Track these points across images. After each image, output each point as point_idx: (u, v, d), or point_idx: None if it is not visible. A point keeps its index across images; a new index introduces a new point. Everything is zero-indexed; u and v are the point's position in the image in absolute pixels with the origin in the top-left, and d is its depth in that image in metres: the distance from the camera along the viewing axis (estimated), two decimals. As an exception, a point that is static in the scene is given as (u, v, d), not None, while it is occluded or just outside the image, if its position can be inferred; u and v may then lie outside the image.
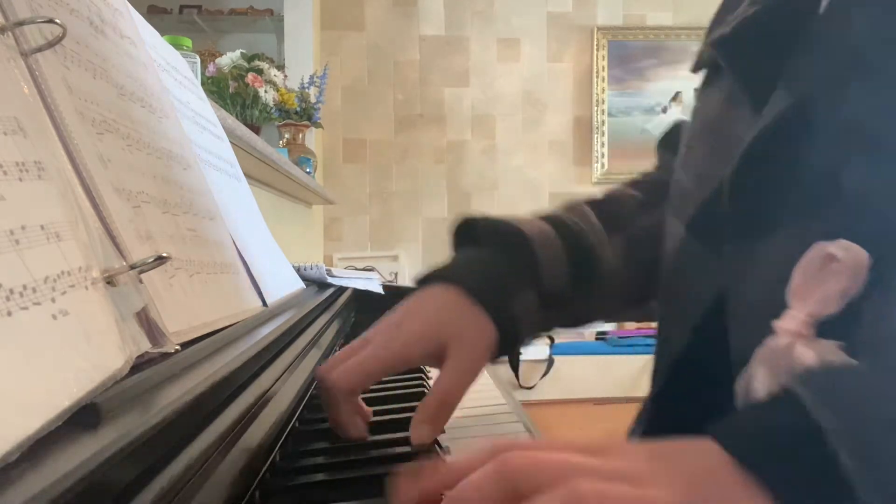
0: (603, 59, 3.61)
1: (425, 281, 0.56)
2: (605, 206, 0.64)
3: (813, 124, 0.41)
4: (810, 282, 0.35)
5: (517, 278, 0.55)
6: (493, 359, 0.53)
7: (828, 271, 0.34)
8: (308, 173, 2.39)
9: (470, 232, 0.61)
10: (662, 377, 0.53)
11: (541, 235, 0.57)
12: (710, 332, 0.46)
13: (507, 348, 0.53)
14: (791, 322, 0.36)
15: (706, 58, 0.55)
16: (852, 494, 0.23)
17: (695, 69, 0.58)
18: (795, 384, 0.27)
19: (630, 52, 3.63)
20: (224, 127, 0.87)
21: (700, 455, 0.27)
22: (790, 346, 0.35)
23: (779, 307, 0.43)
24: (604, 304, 0.63)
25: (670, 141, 0.71)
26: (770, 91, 0.45)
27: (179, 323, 0.39)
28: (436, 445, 0.46)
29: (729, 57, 0.50)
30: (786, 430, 0.26)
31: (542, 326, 0.58)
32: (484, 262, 0.56)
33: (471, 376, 0.50)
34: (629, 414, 0.58)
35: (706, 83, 0.56)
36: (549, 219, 0.60)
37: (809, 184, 0.42)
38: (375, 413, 0.54)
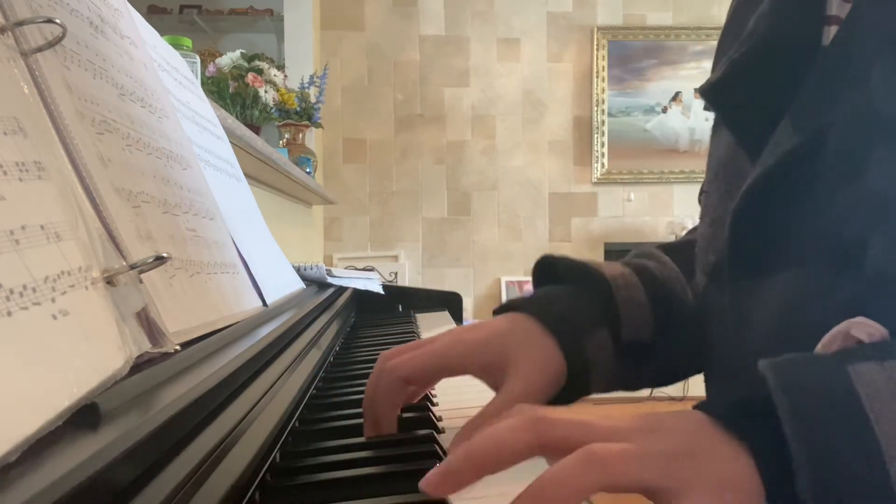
0: (603, 59, 3.61)
1: (501, 311, 0.54)
2: (680, 253, 0.60)
3: (823, 170, 0.41)
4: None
5: (592, 317, 0.52)
6: (564, 397, 0.50)
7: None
8: (308, 173, 2.39)
9: (550, 272, 0.58)
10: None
11: (621, 278, 0.54)
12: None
13: (577, 387, 0.50)
14: None
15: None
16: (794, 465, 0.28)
17: (706, 108, 0.56)
18: (767, 369, 0.31)
19: (630, 52, 3.63)
20: (224, 127, 0.87)
21: (687, 418, 0.32)
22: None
23: (774, 347, 0.43)
24: (688, 353, 0.57)
25: None
26: (764, 138, 0.44)
27: (179, 323, 0.39)
28: (436, 447, 0.46)
29: (720, 106, 0.50)
30: (755, 402, 0.31)
31: (621, 376, 0.54)
32: (560, 297, 0.54)
33: (524, 400, 0.46)
34: (629, 414, 0.58)
35: (716, 123, 0.54)
36: (630, 263, 0.57)
37: (813, 230, 0.41)
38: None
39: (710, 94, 0.49)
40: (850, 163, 0.39)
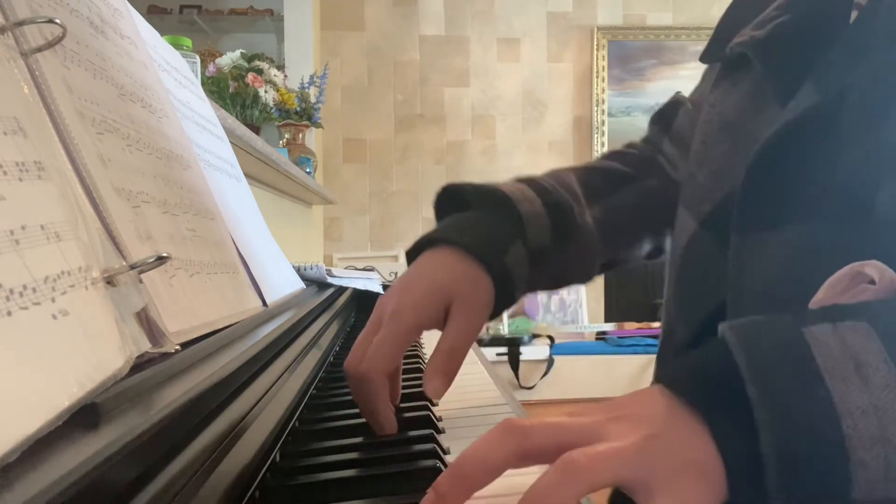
0: (603, 59, 3.61)
1: (418, 248, 0.58)
2: (588, 176, 0.68)
3: (840, 128, 0.42)
4: (837, 297, 0.36)
5: (506, 234, 0.57)
6: (493, 314, 0.55)
7: (859, 290, 0.35)
8: (308, 173, 2.39)
9: (452, 200, 0.63)
10: (665, 369, 0.54)
11: (521, 194, 0.60)
12: (716, 326, 0.47)
13: (504, 301, 0.56)
14: None
15: (728, 54, 0.55)
16: (756, 422, 0.29)
17: (705, 59, 0.58)
18: (726, 330, 0.32)
19: (630, 52, 3.63)
20: (224, 127, 0.87)
21: (652, 399, 0.33)
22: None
23: (779, 301, 0.44)
24: (580, 264, 0.65)
25: (665, 116, 0.73)
26: (798, 89, 0.46)
27: (179, 323, 0.39)
28: (436, 447, 0.46)
29: (764, 57, 0.51)
30: (713, 367, 0.32)
31: (529, 284, 0.60)
32: (473, 222, 0.58)
33: (475, 330, 0.52)
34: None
35: (720, 80, 0.57)
36: (527, 181, 0.63)
37: (827, 185, 0.42)
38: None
39: (758, 49, 0.51)
40: (867, 119, 0.41)
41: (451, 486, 0.31)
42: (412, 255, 0.58)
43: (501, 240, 0.56)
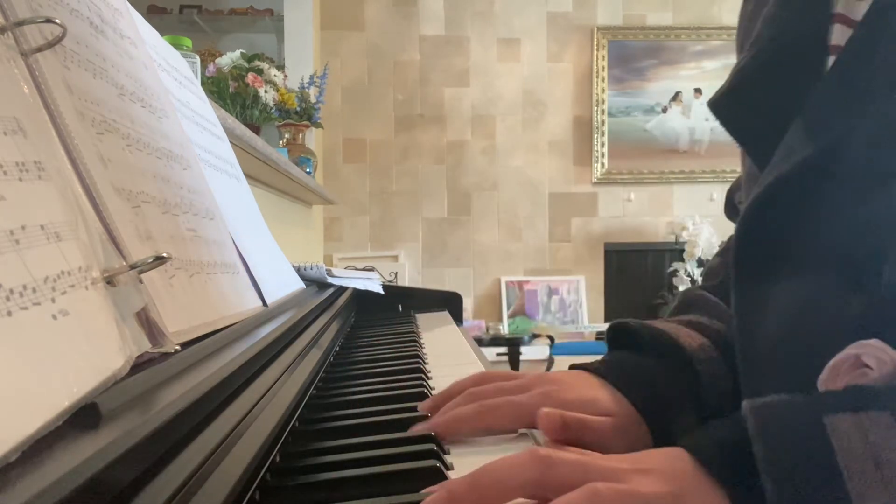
0: (603, 59, 3.61)
1: (585, 369, 0.53)
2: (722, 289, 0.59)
3: (839, 182, 0.40)
4: (840, 378, 0.36)
5: (678, 394, 0.51)
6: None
7: (859, 374, 0.35)
8: (308, 173, 2.39)
9: (624, 336, 0.57)
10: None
11: (701, 352, 0.53)
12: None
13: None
14: None
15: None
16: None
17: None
18: (747, 412, 0.32)
19: (630, 52, 3.63)
20: (224, 127, 0.87)
21: (677, 459, 0.33)
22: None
23: (782, 353, 0.43)
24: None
25: (731, 202, 0.71)
26: (772, 146, 0.44)
27: (179, 323, 0.39)
28: (436, 447, 0.46)
29: (728, 120, 0.49)
30: (739, 448, 0.31)
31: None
32: (644, 369, 0.52)
33: (610, 432, 0.46)
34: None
35: None
36: (700, 326, 0.56)
37: (825, 239, 0.41)
38: (375, 413, 0.54)
39: (718, 107, 0.49)
40: (867, 177, 0.39)
41: (466, 492, 0.31)
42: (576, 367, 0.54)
43: (673, 403, 0.50)
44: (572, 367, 0.55)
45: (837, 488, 0.28)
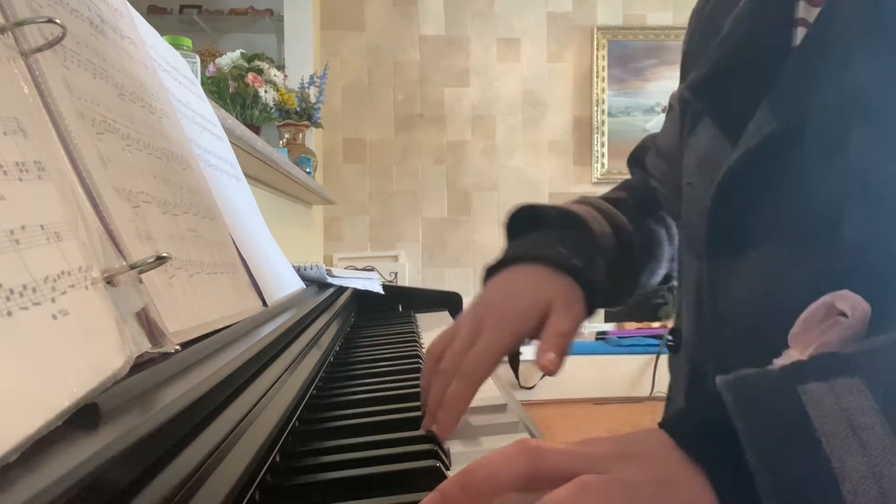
0: (603, 59, 3.61)
1: (500, 265, 0.60)
2: (617, 205, 0.70)
3: (802, 153, 0.43)
4: (812, 330, 0.37)
5: (588, 250, 0.60)
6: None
7: (832, 323, 0.36)
8: (308, 173, 2.39)
9: (521, 221, 0.66)
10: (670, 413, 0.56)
11: (588, 214, 0.64)
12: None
13: (590, 312, 0.59)
14: (788, 361, 0.37)
15: (679, 97, 0.59)
16: (757, 486, 0.30)
17: (687, 105, 0.59)
18: (723, 388, 0.33)
19: (630, 52, 3.63)
20: (224, 127, 0.87)
21: (657, 443, 0.33)
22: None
23: (751, 325, 0.45)
24: (630, 284, 0.69)
25: (638, 159, 0.77)
26: (745, 127, 0.47)
27: (179, 323, 0.39)
28: (436, 446, 0.46)
29: (705, 100, 0.54)
30: (716, 426, 0.32)
31: (605, 298, 0.62)
32: (555, 240, 0.61)
33: (578, 319, 0.55)
34: (629, 413, 0.60)
35: (693, 120, 0.58)
36: (588, 202, 0.67)
37: (791, 210, 0.44)
38: (374, 413, 0.54)
39: (696, 89, 0.54)
40: (827, 145, 0.42)
41: (458, 492, 0.31)
42: (492, 270, 0.61)
43: (584, 256, 0.59)
44: (494, 268, 0.61)
45: (819, 454, 0.29)
